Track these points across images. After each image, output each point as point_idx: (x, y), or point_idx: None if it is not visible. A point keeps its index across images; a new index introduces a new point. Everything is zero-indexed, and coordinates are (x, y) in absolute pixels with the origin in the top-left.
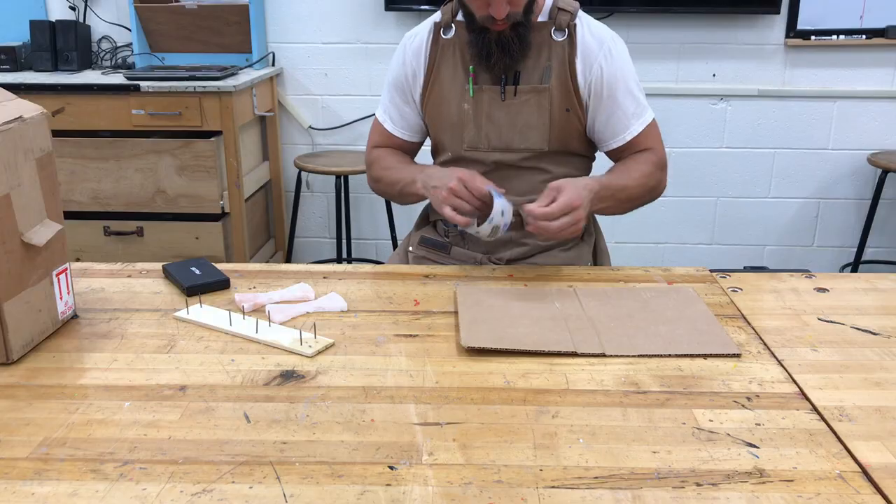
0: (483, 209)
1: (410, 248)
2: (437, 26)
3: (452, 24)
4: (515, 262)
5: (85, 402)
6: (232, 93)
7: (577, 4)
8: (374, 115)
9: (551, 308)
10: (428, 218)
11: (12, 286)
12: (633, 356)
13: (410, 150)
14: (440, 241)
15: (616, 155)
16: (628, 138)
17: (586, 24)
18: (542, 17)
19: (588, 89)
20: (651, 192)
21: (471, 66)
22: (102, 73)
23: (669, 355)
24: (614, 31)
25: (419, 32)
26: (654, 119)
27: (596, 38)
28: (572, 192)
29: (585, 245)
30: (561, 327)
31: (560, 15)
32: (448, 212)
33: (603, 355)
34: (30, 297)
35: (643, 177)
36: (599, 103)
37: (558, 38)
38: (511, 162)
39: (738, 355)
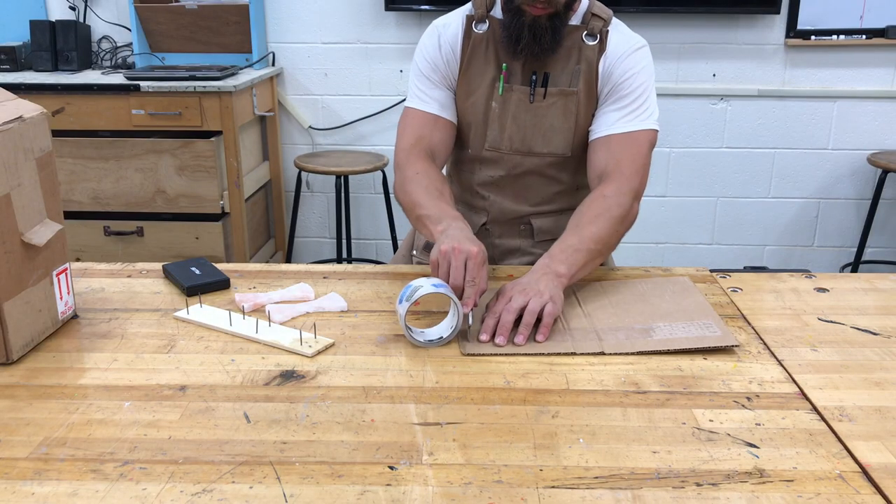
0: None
1: (414, 252)
2: (469, 19)
3: (486, 19)
4: None
5: (85, 402)
6: (232, 93)
7: (611, 12)
8: (374, 114)
9: None
10: None
11: (12, 286)
12: (633, 354)
13: (448, 136)
14: None
15: (593, 150)
16: (612, 132)
17: (618, 32)
18: (574, 21)
19: (603, 84)
20: (621, 222)
21: (504, 64)
22: (102, 73)
23: (668, 351)
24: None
25: (452, 22)
26: (652, 133)
27: (624, 40)
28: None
29: None
30: (559, 328)
31: (593, 21)
32: (432, 268)
33: (602, 354)
34: (30, 297)
35: (606, 215)
36: (606, 96)
37: (589, 42)
38: (529, 168)
39: (737, 346)
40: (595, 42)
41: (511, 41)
